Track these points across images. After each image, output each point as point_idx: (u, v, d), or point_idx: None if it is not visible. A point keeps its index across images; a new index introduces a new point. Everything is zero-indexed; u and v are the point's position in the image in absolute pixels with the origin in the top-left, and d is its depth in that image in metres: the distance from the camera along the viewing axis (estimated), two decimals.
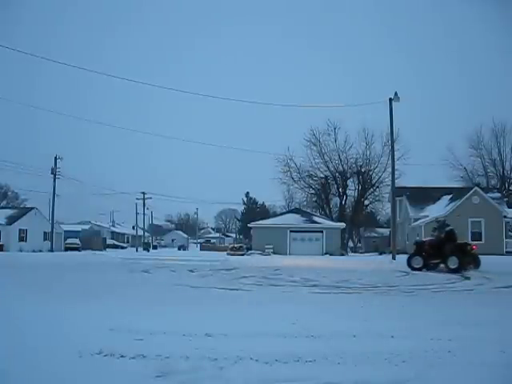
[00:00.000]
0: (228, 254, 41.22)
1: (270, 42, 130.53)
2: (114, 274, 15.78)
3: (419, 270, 17.73)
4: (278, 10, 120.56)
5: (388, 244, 39.21)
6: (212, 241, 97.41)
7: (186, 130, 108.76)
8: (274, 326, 5.83)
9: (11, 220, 48.81)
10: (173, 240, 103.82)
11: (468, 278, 14.13)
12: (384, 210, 56.93)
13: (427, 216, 40.28)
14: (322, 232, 43.02)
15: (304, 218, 45.14)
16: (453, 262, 17.14)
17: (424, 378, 3.76)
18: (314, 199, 56.95)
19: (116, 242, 77.19)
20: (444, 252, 17.59)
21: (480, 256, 18.12)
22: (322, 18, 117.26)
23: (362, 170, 53.62)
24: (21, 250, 43.98)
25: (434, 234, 19.32)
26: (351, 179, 55.28)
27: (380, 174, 52.81)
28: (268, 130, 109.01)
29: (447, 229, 18.51)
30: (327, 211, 54.95)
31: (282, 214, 51.65)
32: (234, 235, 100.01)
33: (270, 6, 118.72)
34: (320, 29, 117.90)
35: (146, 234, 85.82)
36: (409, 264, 18.47)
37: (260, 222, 46.31)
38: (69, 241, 56.03)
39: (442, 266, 17.75)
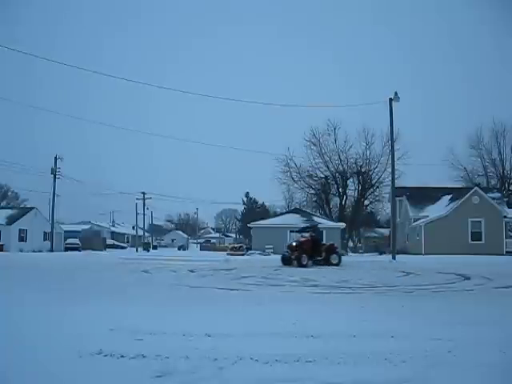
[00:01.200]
0: (228, 254, 41.22)
1: (270, 42, 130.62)
2: (113, 275, 15.78)
3: (305, 266, 20.47)
4: (277, 9, 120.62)
5: (388, 244, 39.21)
6: (212, 241, 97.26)
7: (185, 129, 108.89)
8: (274, 325, 5.82)
9: (11, 220, 48.82)
10: (173, 240, 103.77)
11: (468, 278, 14.14)
12: (384, 210, 56.97)
13: (427, 216, 40.28)
14: (321, 232, 43.00)
15: (304, 218, 45.08)
16: (334, 258, 21.53)
17: (424, 378, 3.76)
18: (313, 199, 56.91)
19: (116, 242, 77.12)
20: (321, 251, 21.69)
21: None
22: (322, 18, 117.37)
23: (362, 170, 53.61)
24: (21, 250, 43.96)
25: (305, 236, 22.83)
26: (351, 179, 55.28)
27: (380, 174, 52.83)
28: (268, 130, 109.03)
29: (315, 233, 22.97)
30: (327, 211, 54.93)
31: (281, 214, 51.56)
32: (233, 235, 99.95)
33: (270, 6, 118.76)
34: (320, 29, 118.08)
35: (146, 234, 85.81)
36: (299, 262, 20.63)
37: (260, 222, 46.27)
38: (69, 241, 56.00)
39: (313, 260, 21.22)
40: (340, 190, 55.48)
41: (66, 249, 52.88)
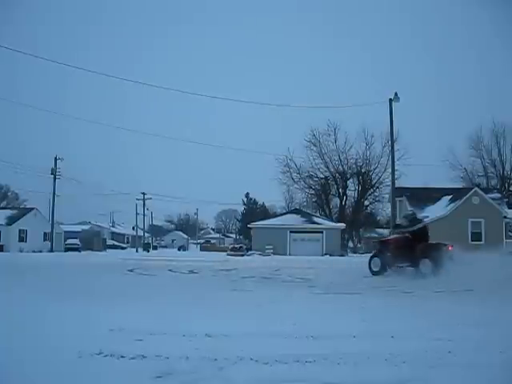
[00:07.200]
0: (228, 254, 41.27)
1: (269, 42, 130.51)
2: (113, 275, 15.77)
3: (377, 274, 14.57)
4: (278, 9, 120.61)
5: None
6: (212, 241, 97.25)
7: (185, 130, 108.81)
8: (274, 326, 5.82)
9: (11, 220, 48.88)
10: (173, 240, 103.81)
11: None
12: (384, 210, 57.06)
13: (427, 216, 40.27)
14: (322, 232, 43.06)
15: (304, 219, 45.15)
16: (425, 266, 13.62)
17: (424, 378, 3.75)
18: (313, 200, 57.08)
19: (116, 243, 77.20)
20: (415, 253, 13.98)
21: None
22: (322, 17, 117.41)
23: (362, 171, 53.77)
24: (21, 251, 43.96)
25: (400, 230, 15.66)
26: (351, 180, 55.46)
27: (380, 175, 53.02)
28: (268, 130, 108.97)
29: (419, 224, 14.70)
30: (327, 212, 55.04)
31: (282, 214, 51.67)
32: (234, 236, 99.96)
33: (270, 5, 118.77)
34: (321, 28, 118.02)
35: (146, 234, 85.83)
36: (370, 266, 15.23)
37: (260, 222, 46.33)
38: (69, 241, 56.05)
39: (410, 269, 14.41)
40: (340, 190, 55.62)
41: (66, 249, 52.91)
